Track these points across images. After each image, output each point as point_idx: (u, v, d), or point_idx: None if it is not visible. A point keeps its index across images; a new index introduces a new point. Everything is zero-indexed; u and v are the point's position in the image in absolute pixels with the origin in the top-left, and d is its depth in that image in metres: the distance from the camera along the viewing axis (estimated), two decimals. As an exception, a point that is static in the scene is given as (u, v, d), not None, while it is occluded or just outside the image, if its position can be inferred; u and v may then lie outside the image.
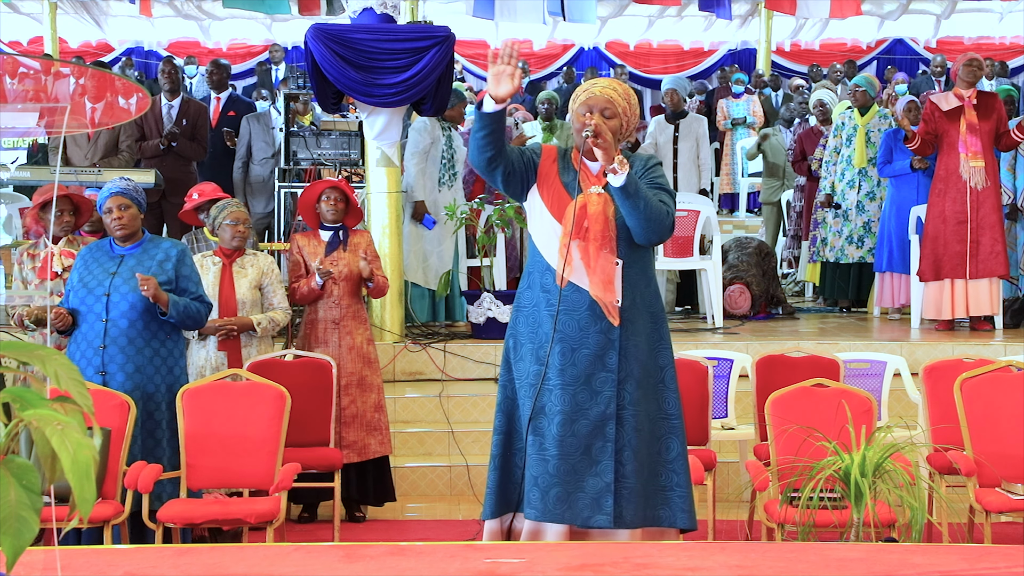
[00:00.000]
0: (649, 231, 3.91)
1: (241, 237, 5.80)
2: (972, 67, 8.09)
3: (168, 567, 3.25)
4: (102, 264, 5.07)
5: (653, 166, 4.07)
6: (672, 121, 9.69)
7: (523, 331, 4.00)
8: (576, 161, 4.02)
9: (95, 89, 3.24)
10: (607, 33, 19.12)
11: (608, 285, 3.88)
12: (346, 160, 8.73)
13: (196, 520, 4.80)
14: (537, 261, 4.00)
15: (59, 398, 2.04)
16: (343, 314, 5.97)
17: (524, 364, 3.96)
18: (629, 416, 3.90)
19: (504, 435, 4.01)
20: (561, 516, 3.84)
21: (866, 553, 3.39)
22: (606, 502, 3.84)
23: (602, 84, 4.03)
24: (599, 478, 3.86)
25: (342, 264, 5.99)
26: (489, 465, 4.05)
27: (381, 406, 6.03)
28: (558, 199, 3.97)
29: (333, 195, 6.02)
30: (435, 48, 7.12)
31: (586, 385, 3.89)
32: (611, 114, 3.96)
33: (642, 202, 3.85)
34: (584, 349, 3.89)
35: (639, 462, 3.90)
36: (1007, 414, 4.86)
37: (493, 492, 4.00)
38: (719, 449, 5.98)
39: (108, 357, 4.96)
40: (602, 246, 3.88)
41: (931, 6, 18.25)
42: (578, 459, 3.86)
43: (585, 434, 3.87)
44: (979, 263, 7.98)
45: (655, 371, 3.98)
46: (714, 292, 8.56)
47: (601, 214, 3.89)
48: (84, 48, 17.99)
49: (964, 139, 7.96)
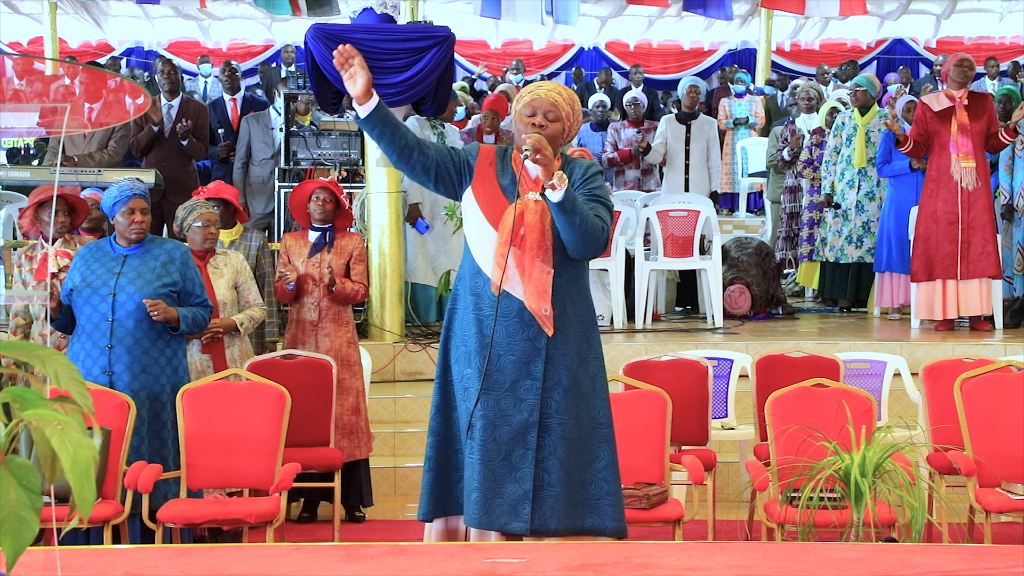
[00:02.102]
0: (583, 247, 3.86)
1: (212, 239, 5.75)
2: (963, 67, 8.08)
3: (168, 567, 3.25)
4: (105, 264, 5.04)
5: (593, 175, 3.99)
6: (684, 122, 9.70)
7: (457, 332, 3.97)
8: (517, 164, 3.95)
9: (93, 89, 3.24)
10: (607, 33, 19.12)
11: (542, 295, 3.84)
12: (346, 160, 8.73)
13: (196, 520, 4.80)
14: (469, 263, 3.96)
15: (59, 398, 2.04)
16: (322, 316, 5.95)
17: (459, 367, 3.94)
18: (555, 424, 3.86)
19: (440, 437, 3.98)
20: (479, 521, 3.81)
21: (866, 553, 3.39)
22: (523, 509, 3.81)
23: (547, 87, 3.97)
24: (518, 485, 3.82)
25: (324, 265, 5.97)
26: (424, 466, 4.02)
27: (359, 409, 5.98)
28: (495, 202, 3.91)
29: (322, 195, 6.00)
30: (435, 48, 7.12)
31: (510, 392, 3.85)
32: (554, 117, 3.89)
33: (578, 219, 3.79)
34: (510, 356, 3.85)
35: (565, 471, 3.86)
36: (1007, 414, 4.86)
37: (428, 493, 3.97)
38: (719, 449, 5.98)
39: (115, 357, 4.95)
40: (537, 255, 3.83)
41: (931, 6, 18.25)
42: (498, 465, 3.83)
43: (506, 440, 3.83)
44: (970, 263, 7.98)
45: (585, 380, 3.93)
46: (714, 292, 8.56)
47: (538, 223, 3.83)
48: (84, 48, 17.99)
49: (955, 140, 7.96)
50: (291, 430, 5.09)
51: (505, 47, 19.23)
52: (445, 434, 3.98)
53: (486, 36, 19.09)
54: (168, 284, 5.01)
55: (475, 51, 18.89)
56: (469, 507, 3.82)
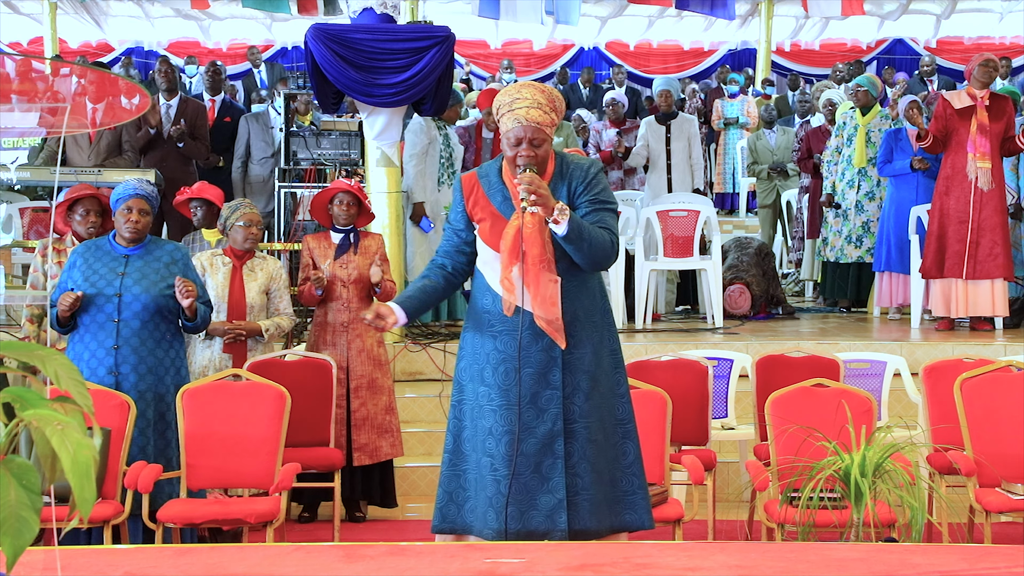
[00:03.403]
0: (595, 265, 3.88)
1: (254, 240, 5.81)
2: (988, 67, 8.07)
3: (168, 567, 3.25)
4: (107, 264, 5.03)
5: (594, 177, 3.93)
6: (663, 122, 9.70)
7: (468, 351, 3.97)
8: (508, 179, 3.90)
9: (96, 90, 3.24)
10: (607, 33, 19.14)
11: (551, 305, 3.83)
12: (346, 160, 8.73)
13: (196, 520, 4.80)
14: (479, 282, 3.98)
15: (59, 398, 2.04)
16: (352, 317, 5.95)
17: (473, 385, 3.94)
18: (581, 428, 3.87)
19: (450, 455, 3.99)
20: (517, 535, 3.81)
21: (866, 553, 3.39)
22: (560, 518, 3.82)
23: (525, 104, 3.81)
24: (551, 495, 3.83)
25: (351, 267, 5.98)
26: (440, 480, 4.02)
27: (392, 408, 6.03)
28: (494, 224, 3.90)
29: (346, 199, 6.01)
30: (435, 48, 7.12)
31: (532, 404, 3.85)
32: (541, 140, 3.81)
33: (586, 244, 3.78)
34: (527, 368, 3.84)
35: (597, 472, 3.87)
36: (1007, 414, 4.86)
37: (438, 509, 3.98)
38: (719, 449, 5.98)
39: (121, 358, 4.94)
40: (541, 267, 3.81)
41: (931, 6, 18.27)
42: (528, 477, 3.83)
43: (533, 452, 3.84)
44: (977, 264, 7.98)
45: (603, 379, 3.94)
46: (714, 292, 8.56)
47: (537, 236, 3.80)
48: (84, 48, 17.99)
49: (974, 139, 7.96)
50: (291, 430, 5.09)
51: (505, 47, 19.24)
52: (455, 452, 3.98)
53: (486, 36, 19.09)
54: (172, 286, 5.00)
55: (475, 51, 18.89)
56: (501, 522, 3.80)
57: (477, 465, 3.90)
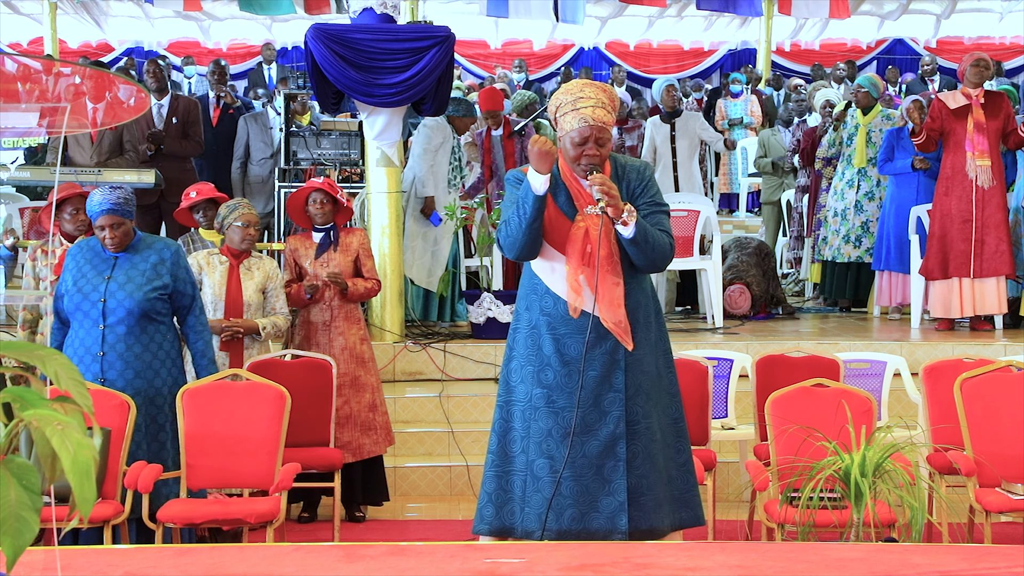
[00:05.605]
0: (652, 267, 3.92)
1: (251, 240, 5.80)
2: (979, 67, 8.08)
3: (168, 567, 3.25)
4: (96, 267, 4.95)
5: (649, 179, 3.96)
6: (668, 121, 9.70)
7: (522, 352, 3.96)
8: (567, 178, 3.91)
9: (95, 89, 3.24)
10: (607, 33, 19.13)
11: (616, 307, 3.84)
12: (346, 160, 8.72)
13: (196, 520, 4.80)
14: (535, 284, 3.95)
15: (59, 398, 2.04)
16: (334, 315, 5.96)
17: (525, 387, 3.93)
18: (643, 430, 3.89)
19: (497, 455, 3.99)
20: (577, 536, 3.82)
21: (866, 553, 3.39)
22: (620, 520, 3.83)
23: (591, 104, 3.81)
24: (613, 497, 3.85)
25: (332, 265, 5.99)
26: (484, 481, 4.01)
27: (376, 405, 6.01)
28: (557, 224, 3.89)
29: (319, 198, 6.01)
30: (435, 48, 7.12)
31: (594, 406, 3.86)
32: (605, 140, 3.83)
33: (648, 246, 3.81)
34: (591, 371, 3.86)
35: (658, 471, 3.91)
36: (1007, 414, 4.86)
37: (486, 508, 3.97)
38: (719, 449, 5.98)
39: (107, 364, 4.88)
40: (607, 270, 3.83)
41: (931, 6, 18.26)
42: (590, 479, 3.85)
43: (596, 454, 3.85)
44: (984, 262, 7.98)
45: (660, 380, 3.99)
46: (714, 292, 8.56)
47: (605, 237, 3.81)
48: (84, 48, 17.99)
49: (971, 138, 7.96)
50: (291, 430, 5.08)
51: (505, 47, 19.23)
52: (499, 454, 3.97)
53: (486, 36, 19.09)
54: (159, 287, 4.93)
55: (475, 51, 18.88)
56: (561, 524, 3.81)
57: (530, 466, 3.89)
